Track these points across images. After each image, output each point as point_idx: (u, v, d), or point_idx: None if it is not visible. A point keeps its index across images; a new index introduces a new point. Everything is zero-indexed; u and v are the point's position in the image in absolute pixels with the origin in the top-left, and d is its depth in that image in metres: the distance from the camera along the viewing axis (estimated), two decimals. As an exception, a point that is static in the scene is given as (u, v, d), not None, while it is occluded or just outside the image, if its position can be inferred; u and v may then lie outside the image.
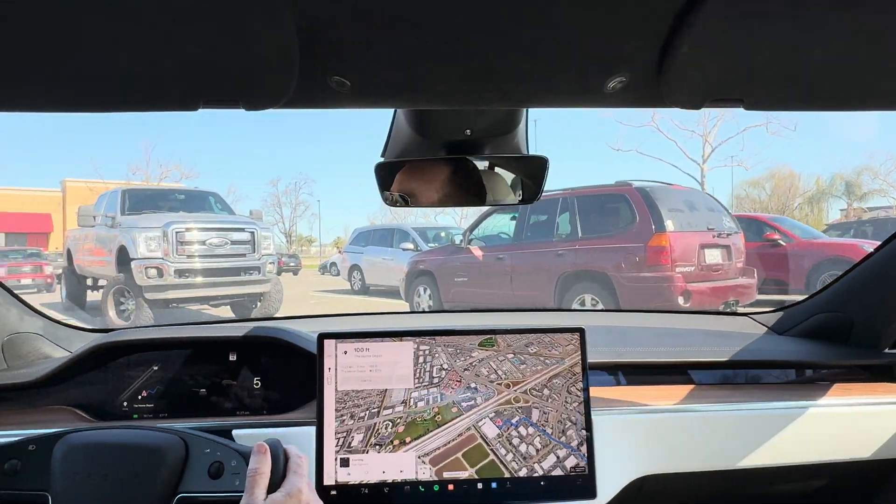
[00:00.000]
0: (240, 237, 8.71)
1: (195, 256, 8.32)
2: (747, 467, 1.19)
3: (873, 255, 1.35)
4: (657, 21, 0.56)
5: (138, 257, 8.03)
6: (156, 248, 8.10)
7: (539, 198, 1.06)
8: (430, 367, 1.07)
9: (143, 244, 8.06)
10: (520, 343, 1.10)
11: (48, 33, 0.53)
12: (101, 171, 32.26)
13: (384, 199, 1.05)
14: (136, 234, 8.10)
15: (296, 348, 1.20)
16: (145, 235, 8.09)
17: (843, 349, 1.39)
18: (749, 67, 0.61)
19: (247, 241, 8.74)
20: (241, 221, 8.95)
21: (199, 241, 8.34)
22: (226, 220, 9.08)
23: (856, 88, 0.65)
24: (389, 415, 1.05)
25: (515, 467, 1.04)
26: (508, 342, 1.10)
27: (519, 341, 1.10)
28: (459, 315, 1.95)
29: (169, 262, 8.07)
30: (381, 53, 0.60)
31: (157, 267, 8.02)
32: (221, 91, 0.63)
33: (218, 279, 8.47)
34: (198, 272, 8.32)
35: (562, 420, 1.06)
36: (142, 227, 8.22)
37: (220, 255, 8.49)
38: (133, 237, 8.12)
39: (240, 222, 8.90)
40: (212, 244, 8.41)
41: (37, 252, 18.89)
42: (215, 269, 8.44)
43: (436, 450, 1.04)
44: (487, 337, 1.09)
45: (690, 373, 1.36)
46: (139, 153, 52.76)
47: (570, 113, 68.42)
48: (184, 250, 8.19)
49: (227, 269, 8.54)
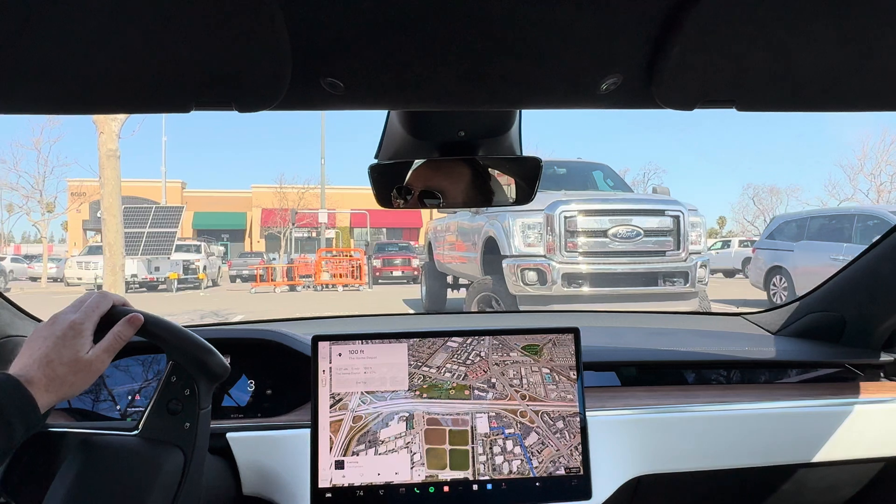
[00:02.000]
0: (657, 225, 5.48)
1: (591, 254, 5.34)
2: (741, 467, 1.20)
3: (865, 254, 1.34)
4: (649, 22, 0.57)
5: (512, 254, 5.42)
6: (536, 240, 5.37)
7: (532, 199, 1.06)
8: (471, 350, 1.09)
9: (518, 235, 5.44)
10: (564, 364, 1.10)
11: (39, 36, 0.53)
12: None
13: (379, 200, 1.06)
14: (508, 221, 5.55)
15: (290, 350, 1.20)
16: (521, 222, 5.46)
17: (835, 348, 1.40)
18: (741, 68, 0.62)
19: (668, 230, 5.47)
20: (660, 201, 5.67)
21: (597, 230, 5.32)
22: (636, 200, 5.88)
23: (847, 89, 0.66)
24: (427, 371, 1.08)
25: (481, 470, 1.04)
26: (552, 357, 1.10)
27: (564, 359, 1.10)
28: (457, 317, 1.97)
29: (555, 261, 5.25)
30: (374, 55, 0.60)
31: (539, 269, 5.29)
32: (214, 93, 0.63)
33: (622, 290, 5.37)
34: (594, 279, 5.31)
35: (554, 460, 1.06)
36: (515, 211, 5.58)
37: (626, 254, 5.36)
38: (505, 226, 5.61)
39: (657, 202, 5.62)
40: (617, 236, 5.31)
41: (407, 245, 21.24)
42: (620, 274, 5.36)
43: (436, 414, 1.06)
44: (532, 343, 1.10)
45: (684, 373, 1.37)
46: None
47: None
48: (575, 245, 5.26)
49: (639, 276, 5.36)
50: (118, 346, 0.79)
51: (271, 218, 29.04)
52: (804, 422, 1.21)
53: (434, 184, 1.04)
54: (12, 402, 0.70)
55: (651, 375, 1.35)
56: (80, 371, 0.75)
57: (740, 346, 1.40)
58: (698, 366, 1.36)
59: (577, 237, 5.43)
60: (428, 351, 1.08)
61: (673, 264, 5.56)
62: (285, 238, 28.22)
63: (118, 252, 6.93)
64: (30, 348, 0.76)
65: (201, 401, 0.84)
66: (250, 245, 32.12)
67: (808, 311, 1.48)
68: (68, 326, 0.76)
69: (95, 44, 0.54)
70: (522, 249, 5.54)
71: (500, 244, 5.74)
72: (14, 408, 0.69)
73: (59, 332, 0.76)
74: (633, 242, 5.50)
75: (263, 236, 30.86)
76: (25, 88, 0.61)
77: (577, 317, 2.14)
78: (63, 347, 0.75)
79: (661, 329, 1.63)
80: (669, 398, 1.23)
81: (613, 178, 7.39)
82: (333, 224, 28.78)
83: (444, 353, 1.08)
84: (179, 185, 31.97)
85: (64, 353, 0.75)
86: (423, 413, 1.05)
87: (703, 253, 5.84)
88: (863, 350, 1.35)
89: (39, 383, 0.72)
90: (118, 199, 6.94)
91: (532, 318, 1.99)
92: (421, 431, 1.04)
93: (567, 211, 5.43)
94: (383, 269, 18.66)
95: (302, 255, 21.03)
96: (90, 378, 0.76)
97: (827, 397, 1.24)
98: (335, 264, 17.27)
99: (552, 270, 5.37)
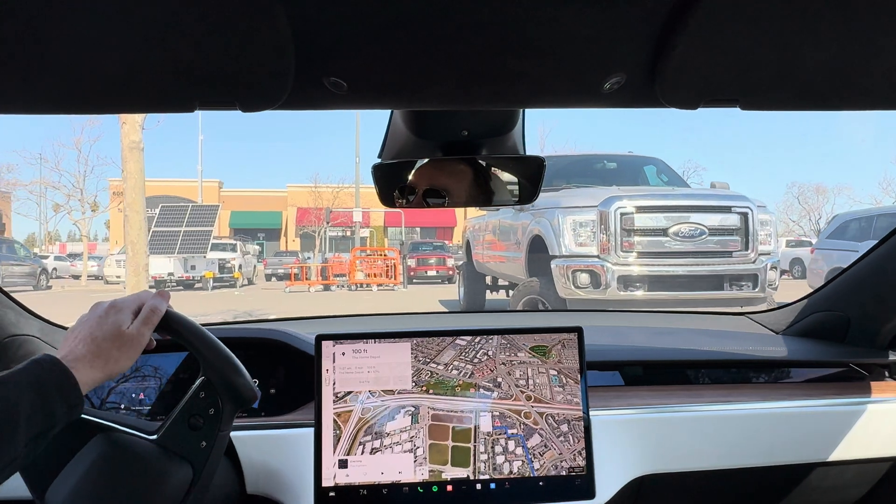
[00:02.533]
0: (723, 223, 4.96)
1: (649, 255, 4.88)
2: (745, 467, 1.19)
3: (870, 253, 1.33)
4: (653, 21, 0.57)
5: (562, 254, 5.00)
6: (588, 240, 4.93)
7: (536, 198, 1.08)
8: (478, 349, 1.09)
9: (569, 233, 5.01)
10: (572, 366, 1.09)
11: (43, 36, 0.54)
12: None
13: (382, 200, 1.07)
14: (558, 218, 5.12)
15: (293, 350, 1.20)
16: (572, 220, 5.03)
17: (840, 348, 1.38)
18: (744, 68, 0.62)
19: (735, 228, 4.96)
20: (726, 197, 5.16)
21: (657, 228, 4.84)
22: (699, 195, 5.37)
23: (851, 88, 0.66)
24: (434, 368, 1.08)
25: (482, 469, 1.04)
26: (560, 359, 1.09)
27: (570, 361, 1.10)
28: (460, 316, 1.98)
29: (609, 262, 4.80)
30: (377, 54, 0.60)
31: (591, 270, 4.86)
32: (217, 92, 0.63)
33: (685, 295, 4.87)
34: (652, 282, 4.85)
35: (556, 464, 1.05)
36: (566, 206, 5.16)
37: (688, 254, 4.88)
38: (553, 223, 5.18)
39: (723, 197, 5.11)
40: (678, 235, 4.83)
41: (441, 245, 20.95)
42: (681, 277, 4.84)
43: (441, 410, 1.05)
44: (541, 345, 1.10)
45: (688, 372, 1.36)
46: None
47: None
48: (631, 244, 4.81)
49: (702, 279, 4.86)
50: (155, 318, 0.81)
51: (306, 217, 29.10)
52: (809, 421, 1.21)
53: (438, 183, 1.05)
54: (52, 378, 0.69)
55: (655, 375, 1.34)
56: (123, 345, 0.77)
57: (745, 345, 1.39)
58: (702, 365, 1.36)
59: (633, 236, 4.94)
60: (437, 348, 1.08)
61: (740, 266, 5.01)
62: (320, 237, 28.25)
63: (141, 251, 6.46)
64: (73, 332, 0.78)
65: (223, 423, 0.84)
66: (286, 244, 32.31)
67: (812, 310, 1.47)
68: (108, 305, 0.80)
69: (99, 44, 0.55)
70: (573, 249, 5.08)
71: (549, 243, 5.30)
72: (53, 385, 0.69)
73: (101, 312, 0.79)
74: (695, 242, 4.99)
75: (298, 235, 30.97)
76: (30, 88, 0.62)
77: (581, 316, 2.16)
78: (104, 323, 0.77)
79: (665, 328, 1.63)
80: (673, 398, 1.23)
81: (668, 173, 6.84)
82: (367, 223, 28.73)
83: (453, 350, 1.08)
84: (217, 185, 32.31)
85: (106, 328, 0.77)
86: (429, 408, 1.05)
87: (774, 254, 5.29)
88: (868, 349, 1.34)
89: (84, 360, 0.73)
90: (142, 195, 6.48)
91: (536, 318, 1.94)
92: (425, 426, 1.04)
93: (623, 207, 4.94)
94: (417, 269, 18.47)
95: (336, 255, 20.97)
96: (133, 352, 0.78)
97: (832, 397, 1.24)
98: (370, 264, 17.14)
99: (606, 272, 4.91)
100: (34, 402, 0.66)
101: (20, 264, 16.12)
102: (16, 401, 0.65)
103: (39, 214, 30.18)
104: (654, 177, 6.85)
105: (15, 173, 26.39)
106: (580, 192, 5.69)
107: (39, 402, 0.66)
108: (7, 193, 28.57)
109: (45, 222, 30.47)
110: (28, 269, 16.44)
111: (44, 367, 0.69)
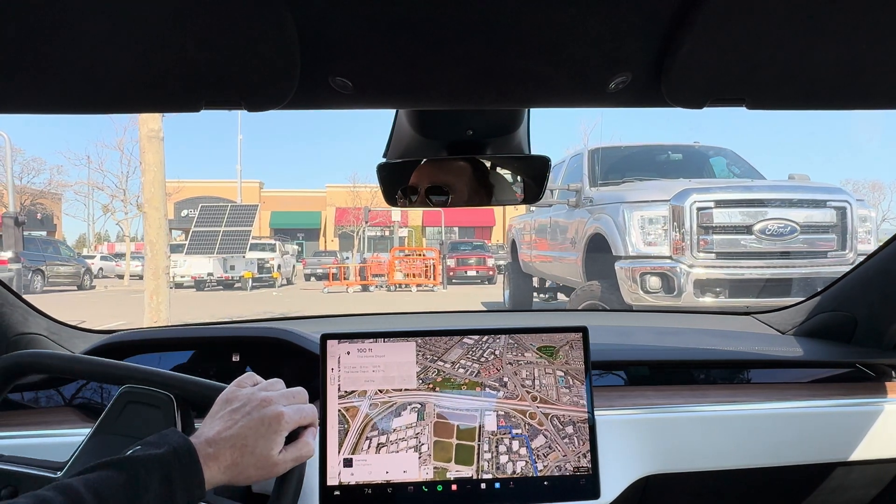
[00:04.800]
0: (817, 219, 4.31)
1: (731, 255, 4.29)
2: (751, 467, 1.18)
3: (877, 253, 1.33)
4: (658, 20, 0.57)
5: (628, 254, 4.45)
6: (659, 238, 4.36)
7: (541, 197, 1.08)
8: (485, 348, 1.08)
9: (636, 231, 4.45)
10: (579, 367, 1.07)
11: (50, 35, 0.54)
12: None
13: (386, 199, 1.09)
14: (623, 214, 4.58)
15: (299, 349, 1.20)
16: (640, 216, 4.47)
17: (846, 348, 1.37)
18: (750, 66, 0.61)
19: (831, 225, 4.30)
20: (819, 189, 4.51)
21: (740, 226, 4.24)
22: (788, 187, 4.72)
23: (858, 87, 0.65)
24: (441, 366, 1.06)
25: (485, 468, 1.03)
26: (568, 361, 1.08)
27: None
28: (464, 315, 1.95)
29: (684, 264, 4.23)
30: (383, 54, 0.61)
31: (663, 273, 4.29)
32: (223, 92, 0.64)
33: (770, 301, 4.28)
34: (735, 287, 4.25)
35: (560, 466, 1.04)
36: (632, 201, 4.59)
37: (776, 255, 4.27)
38: (618, 220, 4.63)
39: (816, 190, 4.47)
40: (765, 232, 4.22)
41: (481, 244, 20.58)
42: (769, 281, 4.22)
43: (446, 408, 1.04)
44: (548, 345, 1.09)
45: (694, 372, 1.35)
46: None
47: None
48: (710, 243, 4.22)
49: (793, 284, 4.22)
50: (305, 458, 0.77)
51: (345, 217, 29.01)
52: (814, 422, 1.19)
53: (440, 180, 1.05)
54: (182, 475, 0.66)
55: (660, 375, 1.33)
56: (262, 468, 0.72)
57: (750, 345, 1.38)
58: (708, 365, 1.35)
59: (712, 234, 4.34)
60: (444, 347, 1.06)
61: (838, 269, 4.37)
62: (358, 237, 28.11)
63: (161, 252, 5.89)
64: (231, 418, 0.73)
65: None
66: (324, 244, 32.33)
67: (818, 310, 1.46)
68: (275, 417, 0.74)
69: (106, 44, 0.55)
70: (642, 249, 4.50)
71: (612, 242, 4.73)
72: (181, 481, 0.66)
73: (267, 419, 0.73)
74: (785, 241, 4.35)
75: (337, 235, 30.93)
76: (38, 87, 0.62)
77: (587, 315, 2.13)
78: (261, 437, 0.72)
79: (670, 328, 1.63)
80: (679, 398, 1.22)
81: (740, 165, 6.14)
82: (406, 222, 28.42)
83: (460, 349, 1.07)
84: (257, 186, 32.55)
85: (260, 443, 0.72)
86: (435, 405, 1.04)
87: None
88: (874, 350, 1.33)
89: (221, 463, 0.70)
90: (161, 189, 5.96)
91: (542, 317, 1.99)
92: (431, 423, 1.03)
93: (701, 201, 4.33)
94: (457, 269, 18.05)
95: (375, 255, 20.74)
96: (266, 478, 0.74)
97: (838, 397, 1.23)
98: (409, 264, 16.80)
99: (681, 275, 4.33)
100: (159, 494, 0.64)
101: (65, 264, 16.38)
102: (145, 486, 0.63)
103: (87, 215, 30.94)
104: (723, 169, 6.19)
105: (63, 175, 27.04)
106: (647, 185, 5.10)
107: (164, 494, 0.64)
108: (57, 195, 29.36)
109: (92, 223, 31.20)
110: (72, 269, 16.71)
111: (180, 458, 0.66)
